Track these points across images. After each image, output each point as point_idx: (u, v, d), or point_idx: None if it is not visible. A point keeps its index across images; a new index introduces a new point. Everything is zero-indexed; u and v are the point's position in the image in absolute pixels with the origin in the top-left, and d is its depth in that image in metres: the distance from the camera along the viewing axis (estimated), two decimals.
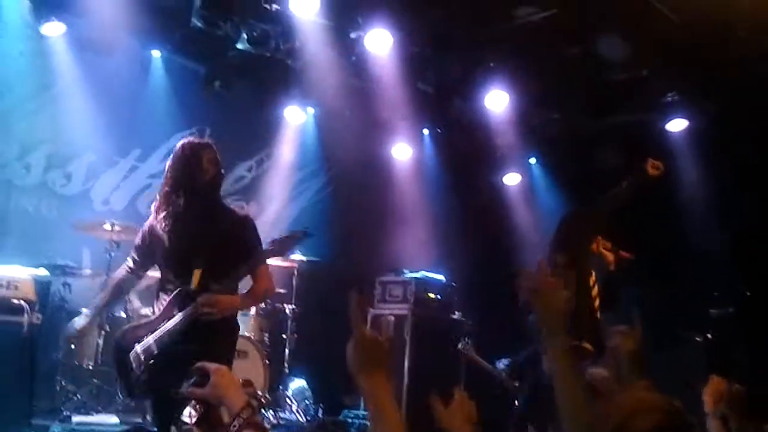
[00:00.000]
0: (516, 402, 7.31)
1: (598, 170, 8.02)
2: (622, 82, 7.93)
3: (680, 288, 7.60)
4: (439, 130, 9.65)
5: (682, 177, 8.09)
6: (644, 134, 8.34)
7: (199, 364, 2.20)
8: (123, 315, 6.47)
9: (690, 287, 7.62)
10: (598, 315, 5.16)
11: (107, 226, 6.31)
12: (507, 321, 7.99)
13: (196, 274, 3.84)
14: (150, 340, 3.79)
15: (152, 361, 3.76)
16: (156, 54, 7.97)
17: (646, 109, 8.37)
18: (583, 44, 7.36)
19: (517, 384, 7.46)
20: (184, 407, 2.21)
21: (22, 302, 3.07)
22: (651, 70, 7.76)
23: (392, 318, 7.98)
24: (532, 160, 9.88)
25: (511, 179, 9.88)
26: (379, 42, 7.33)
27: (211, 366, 2.15)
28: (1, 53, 6.98)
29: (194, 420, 2.15)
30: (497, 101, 8.35)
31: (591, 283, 5.17)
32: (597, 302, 5.21)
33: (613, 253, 5.33)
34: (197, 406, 2.15)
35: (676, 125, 8.32)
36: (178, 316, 3.77)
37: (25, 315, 3.06)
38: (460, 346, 7.54)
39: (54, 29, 7.06)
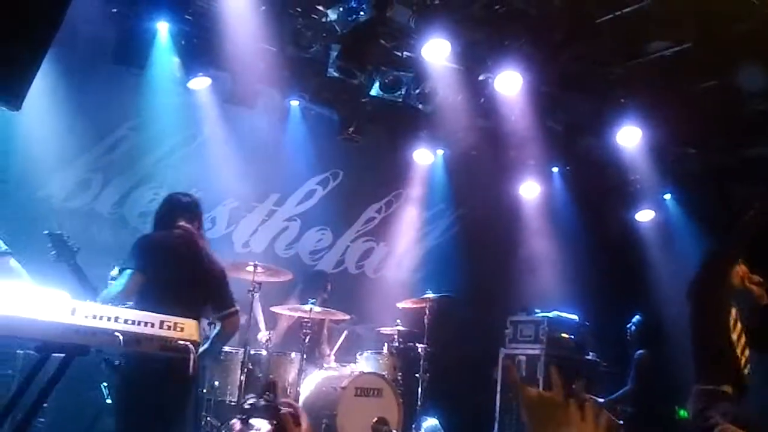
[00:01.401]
0: None
1: (738, 205, 7.71)
2: (761, 113, 7.62)
3: None
4: (568, 168, 9.56)
5: None
6: None
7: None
8: (264, 352, 6.72)
9: None
10: (740, 356, 4.93)
11: (250, 268, 6.57)
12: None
13: None
14: None
15: None
16: (294, 103, 8.37)
17: None
18: (719, 76, 7.15)
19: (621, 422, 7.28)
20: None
21: (188, 343, 3.27)
22: None
23: (524, 358, 7.92)
24: (667, 196, 9.60)
25: (645, 216, 9.63)
26: (509, 83, 7.40)
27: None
28: (154, 107, 7.52)
29: (272, 430, 2.20)
30: (629, 137, 8.22)
31: (731, 322, 4.95)
32: (742, 341, 4.98)
33: (762, 286, 5.08)
34: (274, 422, 2.20)
35: None
36: None
37: (191, 355, 3.26)
38: (573, 384, 7.38)
39: (200, 83, 7.54)
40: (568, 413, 1.80)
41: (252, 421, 2.21)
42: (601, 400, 7.51)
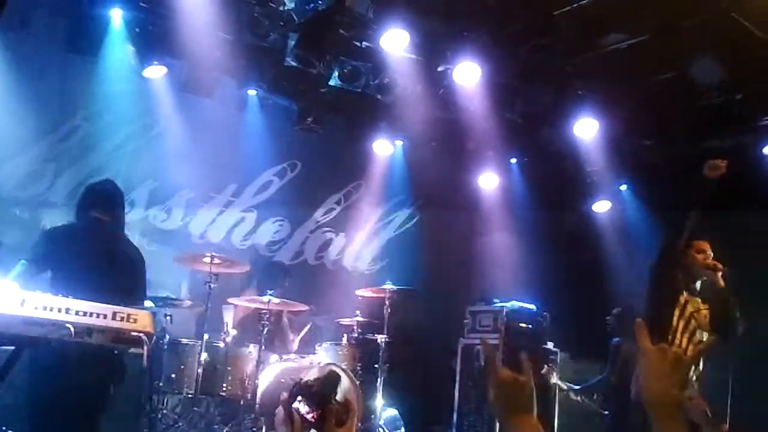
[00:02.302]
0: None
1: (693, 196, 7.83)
2: (716, 106, 7.74)
3: None
4: (527, 159, 9.63)
5: None
6: (741, 158, 8.09)
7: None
8: (222, 344, 6.65)
9: None
10: (683, 340, 5.03)
11: (207, 259, 6.51)
12: (600, 349, 7.91)
13: None
14: None
15: None
16: (252, 93, 8.28)
17: (742, 132, 8.14)
18: (675, 69, 7.24)
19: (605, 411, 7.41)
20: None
21: (141, 335, 3.22)
22: (746, 92, 7.57)
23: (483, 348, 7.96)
24: (623, 187, 9.72)
25: (601, 207, 9.73)
26: (468, 74, 7.41)
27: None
28: (108, 96, 7.40)
29: (310, 417, 2.17)
30: (587, 129, 8.29)
31: (679, 310, 5.02)
32: (690, 327, 5.05)
33: (716, 270, 5.14)
34: (317, 411, 2.18)
35: None
36: None
37: (145, 347, 3.21)
38: (543, 371, 7.50)
39: (155, 72, 7.41)
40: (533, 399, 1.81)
41: (298, 401, 2.17)
42: (577, 387, 7.61)
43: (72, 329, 3.10)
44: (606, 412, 7.50)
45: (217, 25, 6.76)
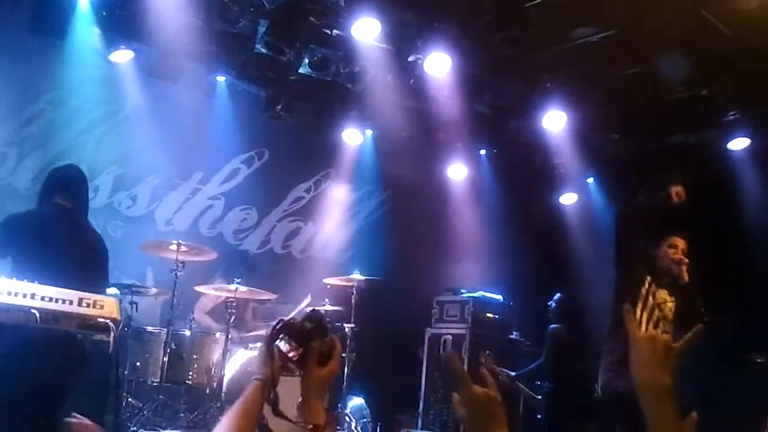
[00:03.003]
0: (539, 415, 7.41)
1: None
2: (682, 102, 7.83)
3: (745, 309, 7.47)
4: (495, 150, 9.68)
5: (744, 197, 7.99)
6: (705, 153, 8.24)
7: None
8: (187, 333, 6.61)
9: (755, 308, 7.48)
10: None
11: (173, 247, 6.45)
12: None
13: None
14: None
15: None
16: (220, 79, 8.19)
17: (707, 128, 8.25)
18: (643, 64, 7.31)
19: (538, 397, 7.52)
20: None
21: (108, 321, 3.18)
22: (712, 88, 7.68)
23: (450, 337, 8.02)
24: (590, 180, 9.81)
25: (568, 199, 9.82)
26: (438, 65, 7.38)
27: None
28: (73, 80, 7.27)
29: (291, 355, 2.10)
30: (555, 121, 8.34)
31: (642, 300, 5.07)
32: (653, 317, 5.10)
33: (680, 264, 5.20)
34: (292, 344, 2.11)
35: (738, 144, 8.20)
36: None
37: (111, 333, 3.17)
38: (481, 359, 7.59)
39: (122, 56, 7.31)
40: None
41: (280, 338, 2.09)
42: (513, 373, 7.70)
43: (38, 315, 3.05)
44: (539, 398, 7.61)
45: (185, 9, 6.66)
